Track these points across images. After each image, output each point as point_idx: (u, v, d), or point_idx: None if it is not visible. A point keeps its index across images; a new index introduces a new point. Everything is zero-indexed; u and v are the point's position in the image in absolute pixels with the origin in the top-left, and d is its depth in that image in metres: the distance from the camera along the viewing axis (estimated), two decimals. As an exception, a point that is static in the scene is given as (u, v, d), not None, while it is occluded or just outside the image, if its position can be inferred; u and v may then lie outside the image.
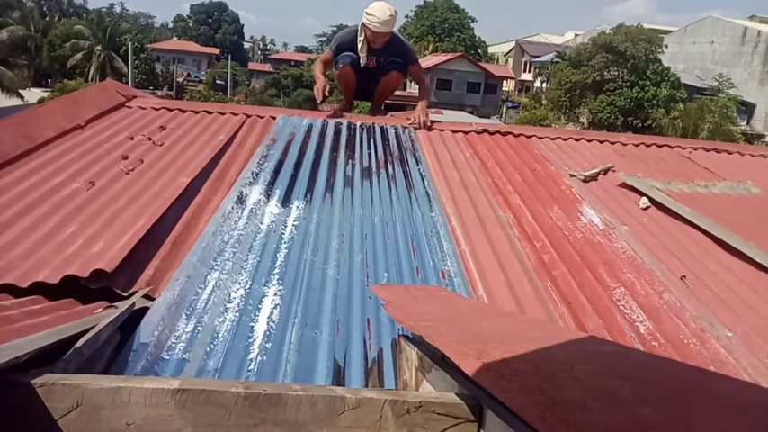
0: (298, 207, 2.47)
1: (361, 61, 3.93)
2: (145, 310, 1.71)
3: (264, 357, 1.57)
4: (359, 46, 3.91)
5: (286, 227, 2.30)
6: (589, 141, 3.81)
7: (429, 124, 3.75)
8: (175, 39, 67.12)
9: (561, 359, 0.84)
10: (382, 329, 1.73)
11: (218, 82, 45.67)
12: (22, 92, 24.82)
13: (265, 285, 1.89)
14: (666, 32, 34.81)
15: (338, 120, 3.64)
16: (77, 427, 0.89)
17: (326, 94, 3.73)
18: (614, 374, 0.76)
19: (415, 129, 3.68)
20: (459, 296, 1.96)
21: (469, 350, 0.87)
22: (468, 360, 0.82)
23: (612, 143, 3.82)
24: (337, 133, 3.42)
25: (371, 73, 4.07)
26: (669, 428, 0.60)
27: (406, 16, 53.83)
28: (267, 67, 55.07)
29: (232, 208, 2.39)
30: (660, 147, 3.89)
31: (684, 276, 2.29)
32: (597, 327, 1.93)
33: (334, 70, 4.12)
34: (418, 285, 2.01)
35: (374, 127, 3.59)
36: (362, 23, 3.85)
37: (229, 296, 1.82)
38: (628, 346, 1.65)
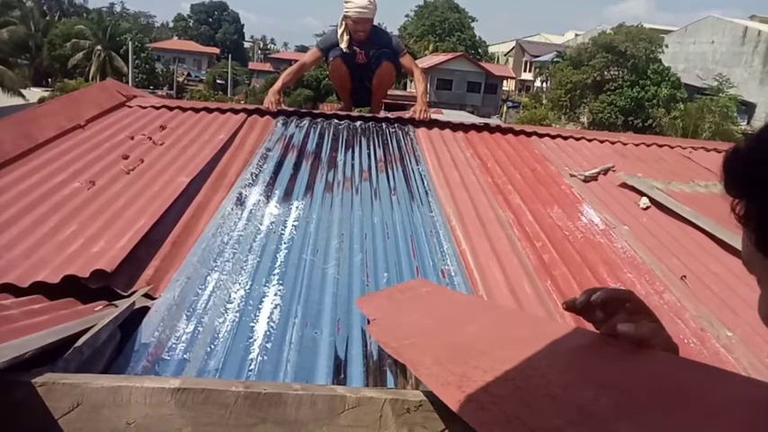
0: (297, 207, 2.47)
1: (343, 46, 3.93)
2: (145, 310, 1.71)
3: (265, 357, 1.57)
4: (338, 34, 3.93)
5: (286, 227, 2.30)
6: (589, 141, 3.82)
7: (429, 116, 3.76)
8: (176, 38, 67.10)
9: (540, 371, 0.85)
10: (382, 329, 1.73)
11: (218, 81, 45.66)
12: (22, 91, 24.83)
13: (265, 286, 1.89)
14: (667, 32, 34.81)
15: (338, 120, 3.65)
16: (78, 426, 0.89)
17: (273, 108, 3.63)
18: (591, 383, 0.77)
19: (417, 120, 3.70)
20: (443, 289, 1.92)
21: (451, 377, 0.88)
22: (450, 390, 0.83)
23: (613, 143, 3.83)
24: (336, 133, 3.42)
25: (364, 69, 4.07)
26: None
27: (407, 16, 53.99)
28: (267, 67, 54.98)
29: (231, 209, 2.39)
30: (660, 146, 3.89)
31: (684, 276, 2.29)
32: (597, 326, 1.93)
33: (327, 64, 4.16)
34: (401, 286, 1.95)
35: (374, 127, 3.59)
36: (342, 16, 3.90)
37: (229, 297, 1.82)
38: (606, 337, 1.65)
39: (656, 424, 0.64)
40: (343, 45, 3.93)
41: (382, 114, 4.18)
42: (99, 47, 36.75)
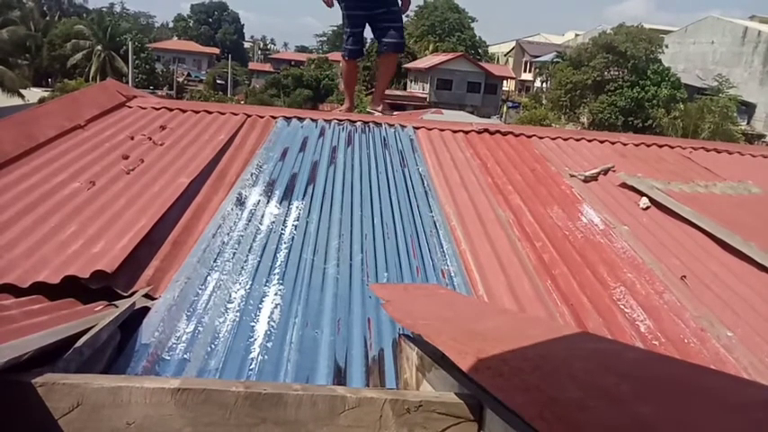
0: (297, 207, 2.47)
1: None
2: (145, 310, 1.71)
3: (265, 357, 1.57)
4: None
5: (286, 227, 2.30)
6: (589, 141, 3.81)
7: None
8: (176, 38, 67.01)
9: (559, 357, 0.84)
10: (383, 329, 1.73)
11: (218, 82, 45.64)
12: (22, 91, 24.83)
13: (266, 285, 1.89)
14: (667, 32, 34.81)
15: (338, 120, 3.65)
16: (78, 426, 0.89)
17: None
18: (612, 372, 0.77)
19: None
20: (458, 294, 1.96)
21: (468, 349, 0.87)
22: (467, 359, 0.83)
23: (613, 143, 3.82)
24: (337, 133, 3.42)
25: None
26: (666, 427, 0.60)
27: (407, 16, 53.86)
28: (267, 67, 55.03)
29: (231, 209, 2.39)
30: (660, 147, 3.89)
31: (684, 276, 2.29)
32: (598, 326, 1.93)
33: (341, 57, 4.31)
34: (417, 284, 2.01)
35: (374, 126, 3.60)
36: None
37: (230, 297, 1.82)
38: (625, 344, 1.65)
39: (678, 411, 0.64)
40: None
41: (382, 117, 4.19)
42: (99, 47, 36.76)
